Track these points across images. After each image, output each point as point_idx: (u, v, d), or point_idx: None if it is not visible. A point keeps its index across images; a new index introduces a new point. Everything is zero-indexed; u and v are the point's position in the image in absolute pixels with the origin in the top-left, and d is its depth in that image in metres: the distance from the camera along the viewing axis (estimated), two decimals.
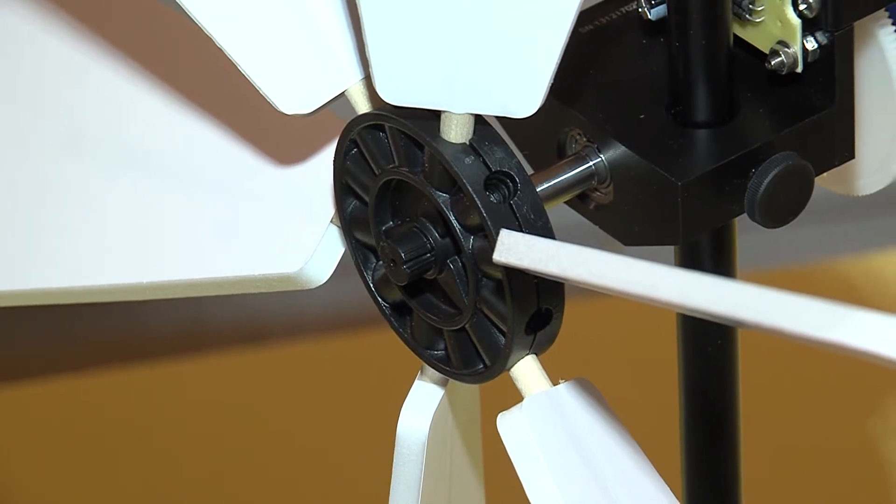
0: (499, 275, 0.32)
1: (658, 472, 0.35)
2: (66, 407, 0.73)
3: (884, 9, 0.36)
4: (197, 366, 0.74)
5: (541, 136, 0.37)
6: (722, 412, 0.41)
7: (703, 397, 0.41)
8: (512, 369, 0.33)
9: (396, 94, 0.32)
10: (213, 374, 0.73)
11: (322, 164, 0.37)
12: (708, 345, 0.41)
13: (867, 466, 0.72)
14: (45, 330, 0.85)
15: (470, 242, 0.33)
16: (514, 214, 0.32)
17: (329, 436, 0.72)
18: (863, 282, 0.66)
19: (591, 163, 0.35)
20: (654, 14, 0.38)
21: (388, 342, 0.40)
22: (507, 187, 0.32)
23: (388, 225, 0.35)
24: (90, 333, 0.87)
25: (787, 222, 0.35)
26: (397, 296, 0.35)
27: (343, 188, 0.35)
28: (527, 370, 0.33)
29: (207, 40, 0.34)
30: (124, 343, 0.87)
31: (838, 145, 0.37)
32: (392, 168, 0.33)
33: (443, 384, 0.37)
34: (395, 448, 0.36)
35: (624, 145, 0.35)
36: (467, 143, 0.32)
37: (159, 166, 0.38)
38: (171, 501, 0.71)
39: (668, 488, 0.34)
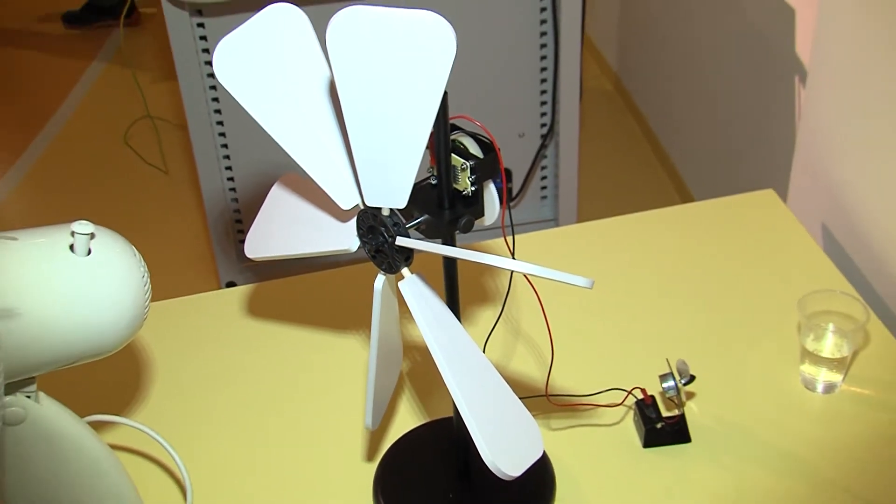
0: (397, 248, 0.85)
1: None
2: (288, 292, 1.25)
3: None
4: (322, 275, 1.24)
5: (407, 212, 0.88)
6: (452, 280, 0.93)
7: (448, 276, 0.93)
8: (401, 271, 0.87)
9: (371, 201, 0.85)
10: (323, 279, 1.24)
11: (353, 221, 0.89)
12: (448, 265, 0.92)
13: None
14: (280, 265, 1.84)
15: (390, 240, 0.85)
16: (401, 232, 0.84)
17: (349, 294, 1.21)
18: (487, 249, 1.13)
19: (420, 219, 0.87)
20: (434, 182, 0.89)
21: (368, 269, 1.01)
22: (398, 224, 0.84)
23: (369, 236, 0.88)
24: (290, 267, 1.95)
25: (469, 231, 0.89)
26: (373, 253, 0.87)
27: (358, 227, 0.88)
28: (405, 270, 0.87)
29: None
30: (295, 269, 1.69)
31: (479, 213, 0.90)
32: (370, 222, 0.87)
33: (384, 275, 0.87)
34: (374, 296, 0.89)
35: (429, 215, 0.87)
36: (388, 214, 0.85)
37: (307, 220, 0.94)
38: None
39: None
